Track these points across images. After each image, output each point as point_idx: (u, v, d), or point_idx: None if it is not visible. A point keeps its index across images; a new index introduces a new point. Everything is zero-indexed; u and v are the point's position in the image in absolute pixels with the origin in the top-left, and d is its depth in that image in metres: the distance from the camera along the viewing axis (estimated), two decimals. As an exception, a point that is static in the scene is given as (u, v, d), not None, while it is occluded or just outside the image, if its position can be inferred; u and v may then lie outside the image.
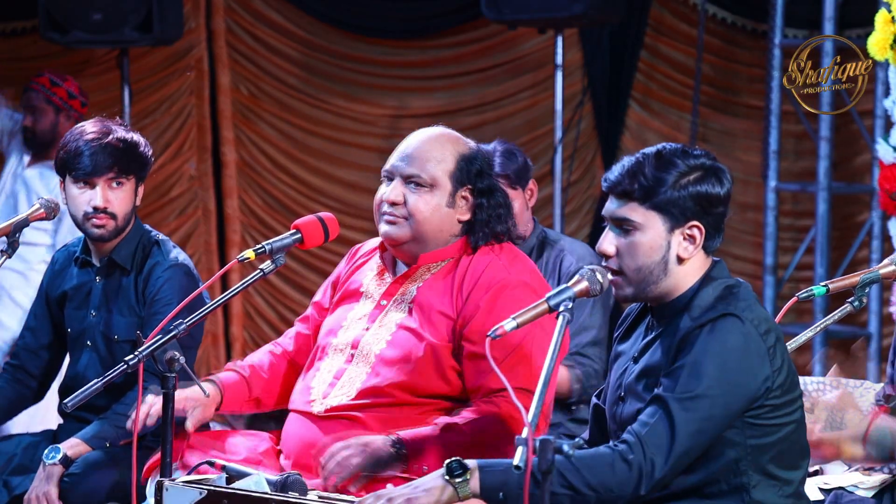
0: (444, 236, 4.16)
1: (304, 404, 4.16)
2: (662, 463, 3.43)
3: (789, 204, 8.41)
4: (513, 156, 5.44)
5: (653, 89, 8.61)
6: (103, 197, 4.78)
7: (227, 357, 9.06)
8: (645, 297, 3.63)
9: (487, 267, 4.12)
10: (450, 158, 4.15)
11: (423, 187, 4.12)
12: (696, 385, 3.44)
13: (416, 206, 4.12)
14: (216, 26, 8.91)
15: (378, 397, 4.07)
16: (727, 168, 3.62)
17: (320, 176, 8.93)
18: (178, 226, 8.95)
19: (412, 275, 4.19)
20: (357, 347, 4.15)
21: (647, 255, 3.55)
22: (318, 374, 4.19)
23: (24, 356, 5.02)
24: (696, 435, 3.44)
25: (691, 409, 3.44)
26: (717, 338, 3.47)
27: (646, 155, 3.57)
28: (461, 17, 8.72)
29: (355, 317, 4.22)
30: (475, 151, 4.20)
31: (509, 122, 8.63)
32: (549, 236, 5.52)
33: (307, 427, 4.12)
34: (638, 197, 3.54)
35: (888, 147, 6.57)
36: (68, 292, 4.94)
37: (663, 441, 3.43)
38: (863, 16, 6.93)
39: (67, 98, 7.59)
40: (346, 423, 4.06)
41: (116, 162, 4.77)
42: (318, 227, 4.21)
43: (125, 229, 4.86)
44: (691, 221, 3.55)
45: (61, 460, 4.61)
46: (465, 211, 4.17)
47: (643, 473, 3.42)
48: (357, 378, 4.11)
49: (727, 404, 3.46)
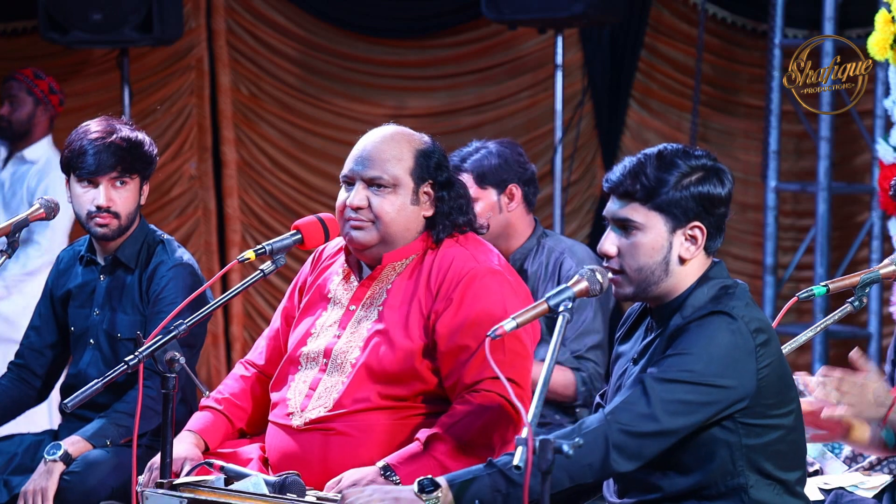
0: (410, 234, 4.13)
1: (282, 417, 4.12)
2: (635, 433, 3.42)
3: (789, 204, 8.41)
4: (489, 155, 5.38)
5: (653, 89, 8.61)
6: (106, 196, 4.78)
7: (227, 357, 9.06)
8: (645, 297, 3.63)
9: (454, 259, 4.09)
10: (408, 155, 4.11)
11: (386, 188, 4.08)
12: (677, 370, 3.45)
13: (382, 208, 4.08)
14: (216, 26, 8.91)
15: (356, 406, 4.03)
16: (728, 168, 3.62)
17: (320, 176, 8.93)
18: (178, 226, 8.95)
19: (378, 276, 4.15)
20: (330, 356, 4.10)
21: (649, 255, 3.55)
22: (294, 384, 4.14)
23: (28, 355, 5.01)
24: (671, 416, 3.43)
25: (668, 390, 3.44)
26: (704, 332, 3.48)
27: (647, 156, 3.57)
28: (461, 17, 8.72)
29: (325, 324, 4.18)
30: (430, 145, 4.17)
31: (509, 122, 8.63)
32: (549, 238, 5.50)
33: (287, 441, 4.08)
34: (640, 197, 3.54)
35: (888, 147, 6.57)
36: (72, 290, 4.95)
37: (636, 410, 3.43)
38: (863, 16, 6.94)
39: (48, 92, 7.65)
40: (325, 434, 4.03)
41: (120, 161, 4.77)
42: (318, 228, 4.20)
43: (129, 228, 4.86)
44: (693, 222, 3.55)
45: (62, 457, 4.61)
46: (428, 206, 4.14)
47: (610, 443, 3.42)
48: (333, 388, 4.07)
49: (707, 394, 3.45)
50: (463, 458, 3.90)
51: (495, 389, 3.96)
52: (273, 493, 3.68)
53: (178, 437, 4.19)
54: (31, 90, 7.68)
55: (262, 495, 3.65)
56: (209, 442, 4.21)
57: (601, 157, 8.63)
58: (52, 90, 7.69)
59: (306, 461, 4.02)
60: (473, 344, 3.98)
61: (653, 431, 3.44)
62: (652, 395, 3.44)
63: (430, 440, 3.94)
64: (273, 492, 3.68)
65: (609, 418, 3.44)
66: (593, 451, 3.43)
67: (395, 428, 4.02)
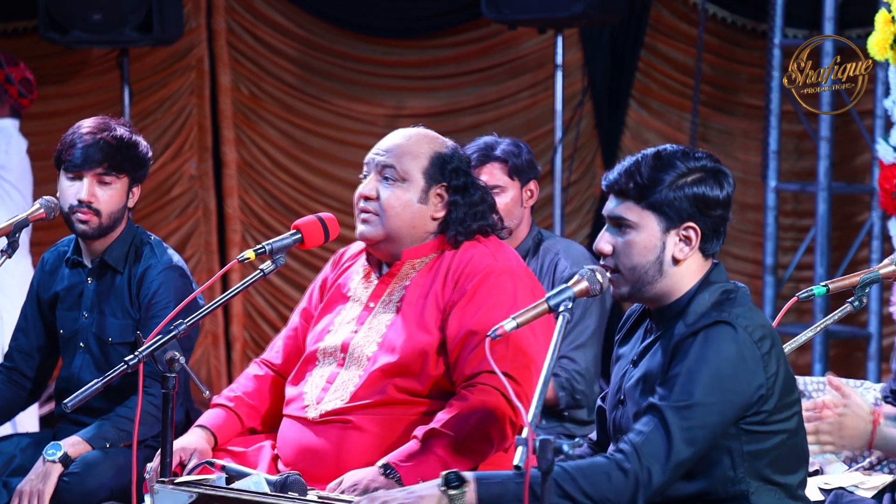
0: (417, 233, 4.17)
1: (298, 410, 4.15)
2: (659, 472, 3.43)
3: (789, 204, 8.41)
4: (519, 148, 5.44)
5: (653, 89, 8.61)
6: (89, 191, 4.74)
7: (227, 357, 9.06)
8: (641, 297, 3.64)
9: (474, 256, 4.14)
10: (425, 155, 4.17)
11: (395, 181, 4.15)
12: (690, 393, 3.45)
13: (388, 201, 4.14)
14: (216, 26, 8.91)
15: (372, 399, 4.06)
16: (729, 171, 3.62)
17: (320, 176, 8.93)
18: (178, 226, 8.95)
19: (397, 273, 4.19)
20: (347, 351, 4.14)
21: (642, 254, 3.56)
22: (311, 379, 4.18)
23: (17, 357, 4.98)
24: (691, 443, 3.44)
25: (686, 418, 3.44)
26: (710, 347, 3.47)
27: (645, 155, 3.58)
28: (461, 17, 8.72)
29: (343, 320, 4.22)
30: (452, 151, 4.22)
31: (509, 122, 8.63)
32: (545, 238, 5.51)
33: (302, 433, 4.11)
34: (634, 196, 3.55)
35: (888, 147, 6.57)
36: (60, 293, 4.91)
37: (659, 450, 3.43)
38: (863, 16, 6.94)
39: (3, 81, 7.59)
40: (341, 426, 4.06)
41: (107, 158, 4.73)
42: (318, 228, 4.21)
43: (113, 229, 4.81)
44: (687, 222, 3.55)
45: (61, 459, 4.60)
46: (439, 208, 4.18)
47: (640, 483, 3.42)
48: (350, 381, 4.10)
49: (722, 412, 3.46)
50: (462, 454, 3.91)
51: (491, 383, 3.98)
52: (274, 492, 3.68)
53: (189, 431, 4.21)
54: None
55: (264, 494, 3.65)
56: (219, 438, 4.24)
57: (601, 157, 8.63)
58: (8, 80, 7.62)
59: (320, 453, 4.05)
60: (478, 338, 4.00)
61: (675, 465, 3.44)
62: (671, 427, 3.43)
63: (428, 437, 3.96)
64: (274, 491, 3.69)
65: (642, 461, 3.41)
66: (624, 491, 3.42)
67: (411, 422, 4.05)
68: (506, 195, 5.36)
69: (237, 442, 4.28)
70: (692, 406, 3.44)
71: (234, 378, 8.99)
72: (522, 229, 5.47)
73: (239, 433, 4.31)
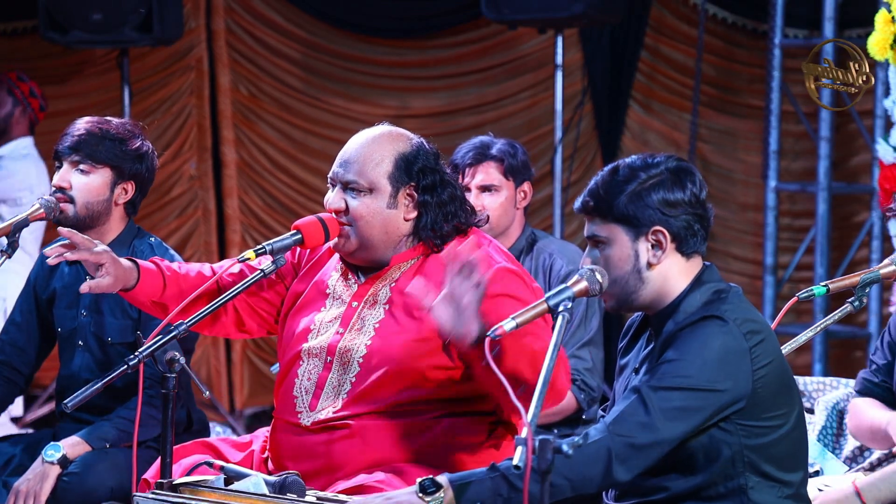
0: (392, 238, 4.12)
1: (291, 415, 4.10)
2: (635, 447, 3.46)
3: (789, 204, 8.41)
4: (514, 149, 5.44)
5: (653, 89, 8.61)
6: (63, 177, 4.72)
7: (227, 357, 9.06)
8: (630, 307, 3.68)
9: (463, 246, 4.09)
10: (388, 159, 4.09)
11: (361, 192, 4.09)
12: (672, 377, 3.49)
13: (358, 211, 4.08)
14: (216, 26, 8.91)
15: (366, 404, 4.03)
16: (696, 169, 3.66)
17: (320, 176, 8.92)
18: (178, 226, 8.95)
19: (383, 275, 4.14)
20: (334, 353, 4.09)
21: (619, 266, 3.61)
22: (298, 381, 4.12)
23: (10, 352, 4.96)
24: (670, 424, 3.47)
25: (666, 398, 3.48)
26: (697, 337, 3.51)
27: (603, 172, 3.66)
28: (461, 17, 8.72)
29: (324, 320, 4.16)
30: (416, 148, 4.13)
31: (509, 123, 8.63)
32: (539, 238, 5.51)
33: (297, 439, 4.08)
34: (600, 213, 3.62)
35: (888, 147, 6.57)
36: (58, 291, 4.90)
37: (635, 426, 3.47)
38: (863, 16, 6.94)
39: (28, 95, 7.67)
40: (336, 433, 4.03)
41: (83, 146, 4.71)
42: (318, 228, 4.18)
43: (95, 222, 4.76)
44: (654, 227, 3.59)
45: (59, 460, 4.60)
46: (410, 209, 4.12)
47: (612, 454, 3.45)
48: (341, 386, 4.06)
49: (704, 398, 3.48)
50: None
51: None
52: (273, 493, 3.68)
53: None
54: (10, 90, 7.72)
55: (263, 495, 3.65)
56: (140, 281, 4.17)
57: (601, 158, 8.63)
58: (32, 93, 7.73)
59: (315, 460, 4.02)
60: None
61: (653, 441, 3.48)
62: (649, 404, 3.48)
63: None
64: (273, 492, 3.68)
65: (611, 430, 3.48)
66: (596, 462, 3.46)
67: (405, 428, 4.02)
68: (500, 195, 5.36)
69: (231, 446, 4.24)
70: (672, 388, 3.48)
71: (234, 378, 9.03)
72: (515, 229, 5.47)
73: (156, 298, 4.21)
